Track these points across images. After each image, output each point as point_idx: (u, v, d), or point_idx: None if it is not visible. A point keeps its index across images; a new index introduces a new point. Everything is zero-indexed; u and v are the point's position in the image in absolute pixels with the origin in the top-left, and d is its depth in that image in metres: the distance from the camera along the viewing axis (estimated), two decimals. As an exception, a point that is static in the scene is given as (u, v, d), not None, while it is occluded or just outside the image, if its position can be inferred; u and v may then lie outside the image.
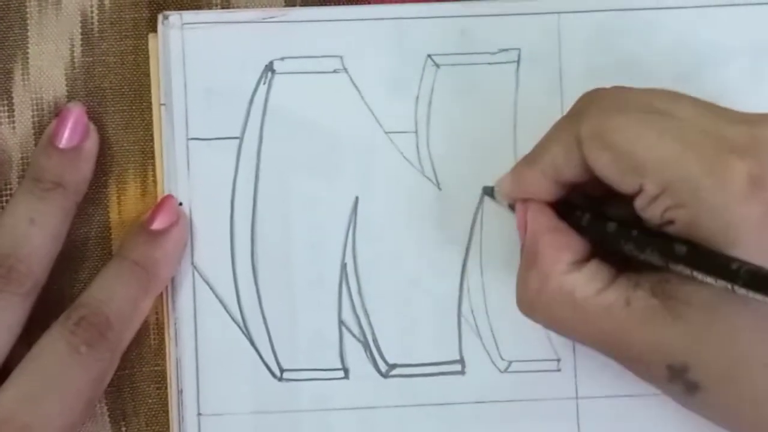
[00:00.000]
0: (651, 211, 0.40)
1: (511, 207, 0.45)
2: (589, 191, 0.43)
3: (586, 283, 0.41)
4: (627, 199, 0.41)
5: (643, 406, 0.47)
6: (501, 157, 0.48)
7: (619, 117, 0.40)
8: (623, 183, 0.40)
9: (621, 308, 0.40)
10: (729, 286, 0.37)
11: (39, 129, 0.48)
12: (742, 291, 0.36)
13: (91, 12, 0.48)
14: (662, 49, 0.48)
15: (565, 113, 0.43)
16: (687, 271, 0.38)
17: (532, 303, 0.42)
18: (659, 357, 0.40)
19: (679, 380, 0.39)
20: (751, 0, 0.48)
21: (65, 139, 0.46)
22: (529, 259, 0.43)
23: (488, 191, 0.47)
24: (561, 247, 0.42)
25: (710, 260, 0.38)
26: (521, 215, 0.44)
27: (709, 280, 0.38)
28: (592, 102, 0.42)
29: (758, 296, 0.36)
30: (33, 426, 0.42)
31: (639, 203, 0.40)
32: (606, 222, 0.42)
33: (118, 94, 0.48)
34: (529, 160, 0.43)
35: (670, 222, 0.39)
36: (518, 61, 0.48)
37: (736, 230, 0.38)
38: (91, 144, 0.47)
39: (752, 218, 0.38)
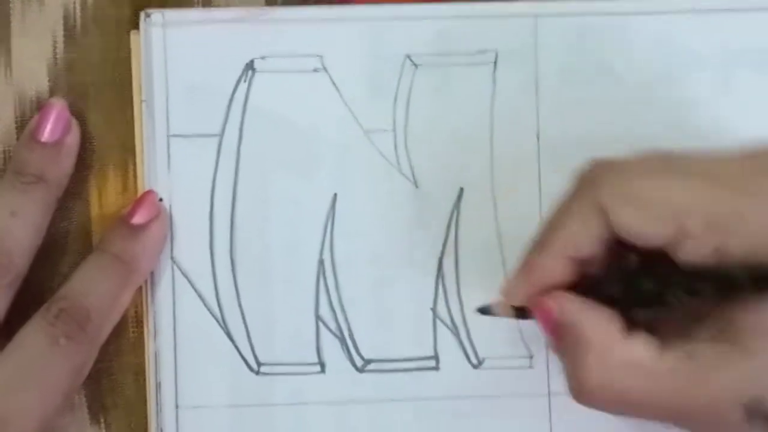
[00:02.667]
0: (701, 253, 0.38)
1: (519, 313, 0.43)
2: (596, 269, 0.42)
3: (645, 348, 0.39)
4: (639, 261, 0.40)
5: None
6: (477, 156, 0.48)
7: (640, 174, 0.39)
8: (662, 233, 0.39)
9: (685, 363, 0.38)
10: None
11: (21, 123, 0.48)
12: None
13: (74, 8, 0.49)
14: (637, 54, 0.49)
15: (566, 191, 0.41)
16: (750, 295, 0.37)
17: (598, 385, 0.39)
18: (733, 399, 0.38)
19: (757, 417, 0.38)
20: (725, 6, 0.49)
21: (47, 133, 0.46)
22: (577, 346, 0.40)
23: (484, 310, 0.45)
24: (607, 319, 0.40)
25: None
26: (541, 312, 0.42)
27: None
28: (605, 169, 0.40)
29: None
30: (11, 417, 0.43)
31: (685, 250, 0.38)
32: (641, 282, 0.40)
33: (100, 90, 0.49)
34: (539, 245, 0.42)
35: (724, 257, 0.38)
36: (495, 63, 0.49)
37: None
38: (73, 138, 0.47)
39: None
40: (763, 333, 0.38)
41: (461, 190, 0.48)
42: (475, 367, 0.48)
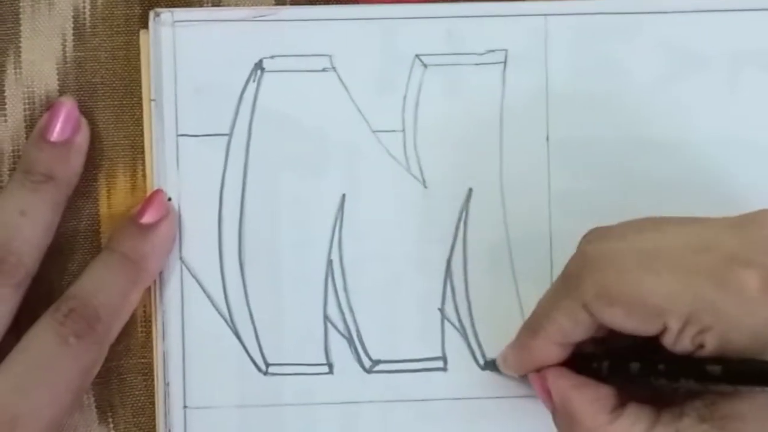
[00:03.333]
0: (681, 344, 0.39)
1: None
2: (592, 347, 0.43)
3: (632, 428, 0.40)
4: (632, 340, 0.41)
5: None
6: (487, 156, 0.48)
7: (617, 269, 0.40)
8: (645, 329, 0.40)
9: None
10: None
11: (30, 122, 0.48)
12: None
13: (83, 8, 0.49)
14: (645, 53, 0.49)
15: (556, 280, 0.43)
16: (729, 388, 0.38)
17: None
18: None
19: None
20: (732, 6, 0.49)
21: (57, 132, 0.47)
22: (569, 423, 0.42)
23: (490, 366, 0.48)
24: (594, 399, 0.41)
25: (749, 370, 0.37)
26: (539, 385, 0.44)
27: (756, 389, 0.37)
28: (584, 264, 0.41)
29: None
30: (22, 416, 0.43)
31: (666, 340, 0.40)
32: (628, 364, 0.41)
33: (109, 90, 0.49)
34: (532, 330, 0.43)
35: (701, 347, 0.39)
36: (505, 62, 0.49)
37: (765, 334, 0.38)
38: (82, 138, 0.47)
39: None
40: (754, 417, 0.38)
41: (470, 190, 0.48)
42: (482, 367, 0.48)
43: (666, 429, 0.40)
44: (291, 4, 0.49)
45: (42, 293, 0.47)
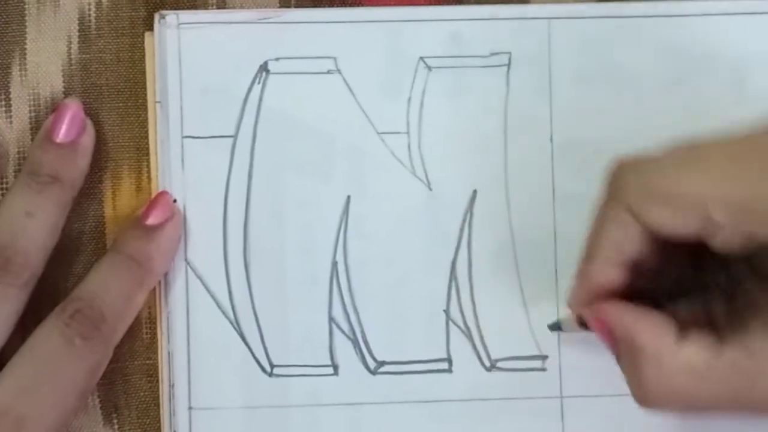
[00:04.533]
0: (733, 241, 0.39)
1: (584, 326, 0.44)
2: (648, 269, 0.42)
3: (700, 351, 0.39)
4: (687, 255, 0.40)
5: (627, 406, 0.47)
6: (491, 158, 0.48)
7: (661, 170, 0.40)
8: (693, 226, 0.39)
9: (744, 359, 0.39)
10: None
11: (36, 124, 0.48)
12: None
13: (89, 10, 0.49)
14: (650, 57, 0.49)
15: (600, 196, 0.42)
16: None
17: (657, 393, 0.40)
18: None
19: None
20: (738, 10, 0.49)
21: (62, 133, 0.47)
22: (633, 356, 0.40)
23: (554, 326, 0.47)
24: (659, 325, 0.40)
25: None
26: (599, 324, 0.42)
27: None
28: (624, 172, 0.41)
29: None
30: (28, 417, 0.43)
31: (717, 240, 0.39)
32: (686, 279, 0.41)
33: (114, 91, 0.49)
34: (588, 255, 0.42)
35: (755, 242, 0.38)
36: (509, 65, 0.49)
37: None
38: (88, 139, 0.47)
39: None
40: None
41: (474, 192, 0.49)
42: (488, 369, 0.48)
43: (734, 348, 0.39)
44: (296, 7, 0.49)
45: (47, 294, 0.47)
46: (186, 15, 0.48)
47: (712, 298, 0.40)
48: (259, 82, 0.48)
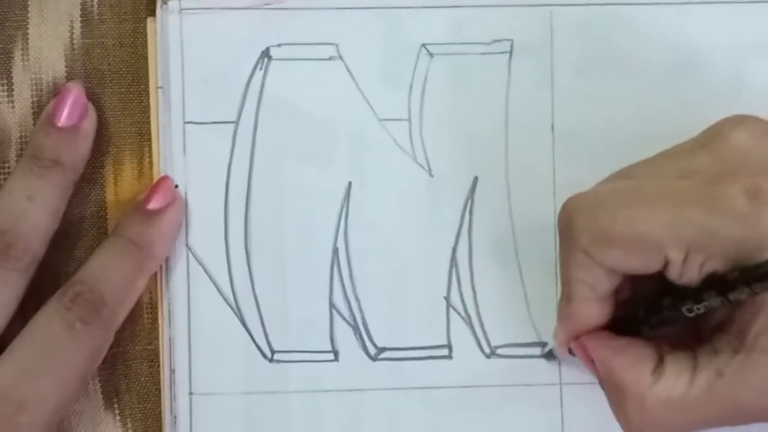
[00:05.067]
0: (688, 275, 0.40)
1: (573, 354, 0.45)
2: (628, 293, 0.44)
3: (675, 382, 0.41)
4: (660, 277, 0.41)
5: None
6: (492, 145, 0.49)
7: (606, 211, 0.40)
8: (647, 265, 0.40)
9: (716, 382, 0.40)
10: None
11: (38, 109, 0.48)
12: None
13: (91, -5, 0.49)
14: (651, 45, 0.49)
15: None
16: (747, 291, 0.38)
17: (641, 428, 0.42)
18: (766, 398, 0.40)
19: None
20: (739, -2, 0.49)
21: (64, 117, 0.47)
22: (615, 390, 0.42)
23: (548, 355, 0.48)
24: (636, 362, 0.42)
25: (763, 268, 0.38)
26: (582, 354, 0.44)
27: None
28: (573, 214, 0.41)
29: None
30: (28, 401, 0.43)
31: (672, 274, 0.40)
32: (660, 302, 0.42)
33: (117, 77, 0.49)
34: (566, 298, 0.43)
35: (709, 271, 0.39)
36: (510, 52, 0.49)
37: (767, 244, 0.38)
38: (90, 123, 0.47)
39: None
40: None
41: (475, 179, 0.49)
42: (487, 356, 0.48)
43: (706, 371, 0.40)
44: (298, -7, 0.49)
45: (48, 279, 0.47)
46: (188, 1, 0.48)
47: (686, 321, 0.41)
48: (260, 68, 0.48)
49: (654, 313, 0.42)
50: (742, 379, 0.40)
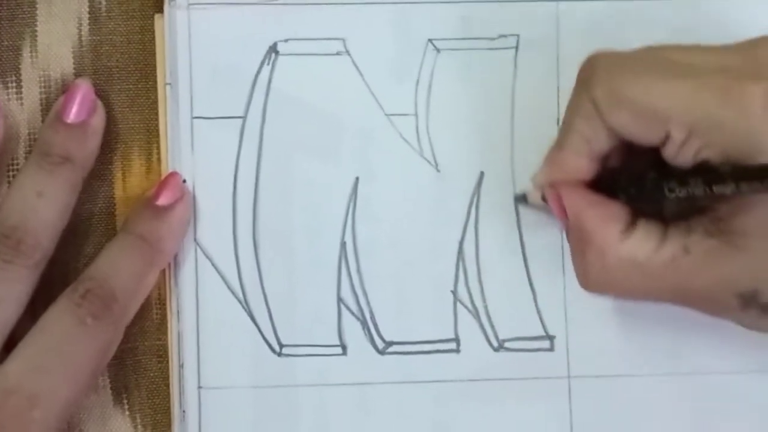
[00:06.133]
0: (682, 157, 0.41)
1: (546, 202, 0.46)
2: (617, 163, 0.44)
3: (642, 245, 0.42)
4: (653, 155, 0.42)
5: (633, 386, 0.48)
6: (498, 140, 0.49)
7: (627, 72, 0.41)
8: (648, 136, 0.41)
9: (682, 257, 0.41)
10: None
11: (46, 105, 0.49)
12: None
13: (100, -9, 0.49)
14: (658, 40, 0.48)
15: (573, 85, 0.44)
16: (732, 187, 0.39)
17: (597, 280, 0.43)
18: (728, 290, 0.41)
19: (752, 306, 0.41)
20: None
21: (73, 114, 0.47)
22: (580, 239, 0.43)
23: (519, 198, 0.48)
24: (607, 218, 0.43)
25: (755, 169, 0.39)
26: (555, 201, 0.44)
27: (760, 187, 0.39)
28: (596, 66, 0.42)
29: None
30: (40, 396, 0.43)
31: (668, 152, 0.41)
32: (644, 174, 0.42)
33: (125, 73, 0.49)
34: (558, 144, 0.44)
35: (705, 162, 0.40)
36: (517, 47, 0.49)
37: (766, 152, 0.39)
38: (98, 119, 0.47)
39: None
40: (756, 233, 0.40)
41: (482, 174, 0.49)
42: (495, 349, 0.49)
43: (674, 245, 0.41)
44: (305, -12, 0.50)
45: (58, 275, 0.47)
46: (196, -4, 0.49)
47: (662, 201, 0.42)
48: (268, 63, 0.49)
49: (635, 185, 0.43)
50: (707, 264, 0.41)
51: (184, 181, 0.48)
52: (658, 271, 0.41)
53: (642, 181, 0.42)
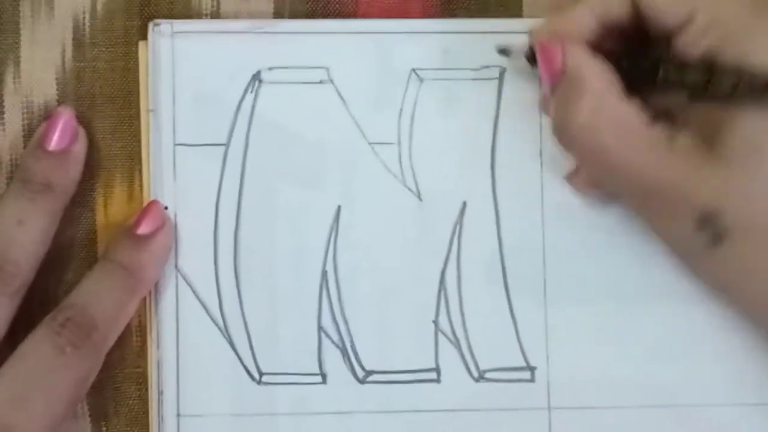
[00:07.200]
0: (695, 46, 0.41)
1: (532, 59, 0.46)
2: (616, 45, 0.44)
3: (637, 114, 0.42)
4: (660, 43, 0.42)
5: (614, 418, 0.48)
6: (481, 170, 0.49)
7: None
8: (672, 13, 0.41)
9: (666, 142, 0.41)
10: None
11: (29, 132, 0.49)
12: None
13: (83, 19, 0.49)
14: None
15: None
16: (729, 87, 0.39)
17: (580, 128, 0.42)
18: (693, 199, 0.40)
19: (707, 228, 0.40)
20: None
21: (54, 141, 0.47)
22: (574, 89, 0.43)
23: (503, 51, 0.48)
24: (611, 78, 0.43)
25: (760, 80, 0.39)
26: (547, 54, 0.44)
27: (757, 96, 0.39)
28: None
29: None
30: (17, 427, 0.43)
31: (685, 37, 0.41)
32: (643, 60, 0.43)
33: (108, 100, 0.49)
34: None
35: (710, 60, 0.40)
36: (500, 78, 0.49)
37: None
38: (80, 147, 0.47)
39: None
40: (742, 150, 0.40)
41: (464, 203, 0.49)
42: (476, 380, 0.48)
43: (664, 128, 0.42)
44: (289, 17, 0.50)
45: (38, 302, 0.47)
46: (180, 24, 0.48)
47: (659, 79, 0.42)
48: (251, 91, 0.49)
49: (634, 61, 0.43)
50: (686, 160, 0.41)
51: (166, 208, 0.48)
52: (637, 145, 0.41)
53: (641, 57, 0.43)
